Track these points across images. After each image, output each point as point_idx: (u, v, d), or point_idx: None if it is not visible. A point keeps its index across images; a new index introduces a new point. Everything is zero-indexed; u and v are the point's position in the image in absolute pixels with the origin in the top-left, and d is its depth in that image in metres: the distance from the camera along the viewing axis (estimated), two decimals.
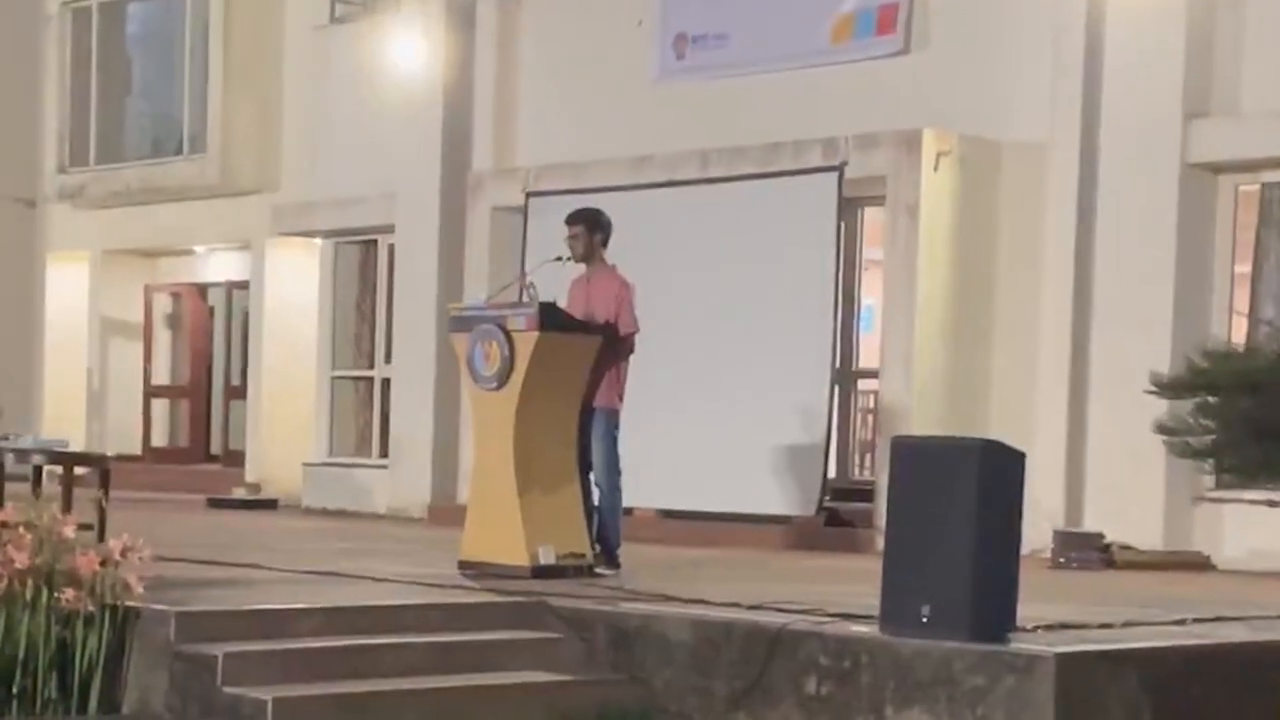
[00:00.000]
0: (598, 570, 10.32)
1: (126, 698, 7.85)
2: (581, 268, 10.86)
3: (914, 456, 7.87)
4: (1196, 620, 8.59)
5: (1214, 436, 9.20)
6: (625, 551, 10.75)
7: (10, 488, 10.50)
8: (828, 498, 14.70)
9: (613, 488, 10.66)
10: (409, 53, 18.42)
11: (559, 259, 10.86)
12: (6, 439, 11.37)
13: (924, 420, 13.95)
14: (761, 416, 14.80)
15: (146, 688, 7.80)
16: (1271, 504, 11.63)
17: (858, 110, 15.15)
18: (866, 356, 15.78)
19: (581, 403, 10.40)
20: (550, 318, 10.08)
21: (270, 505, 19.10)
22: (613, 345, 10.43)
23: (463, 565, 10.22)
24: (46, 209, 23.82)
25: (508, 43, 18.09)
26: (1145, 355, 12.46)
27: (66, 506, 9.54)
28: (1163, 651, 7.72)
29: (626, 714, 8.20)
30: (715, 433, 15.05)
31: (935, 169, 14.38)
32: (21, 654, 7.73)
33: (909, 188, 14.40)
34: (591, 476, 10.63)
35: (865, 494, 14.58)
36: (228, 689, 7.54)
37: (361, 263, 19.96)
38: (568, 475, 10.31)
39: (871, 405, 15.80)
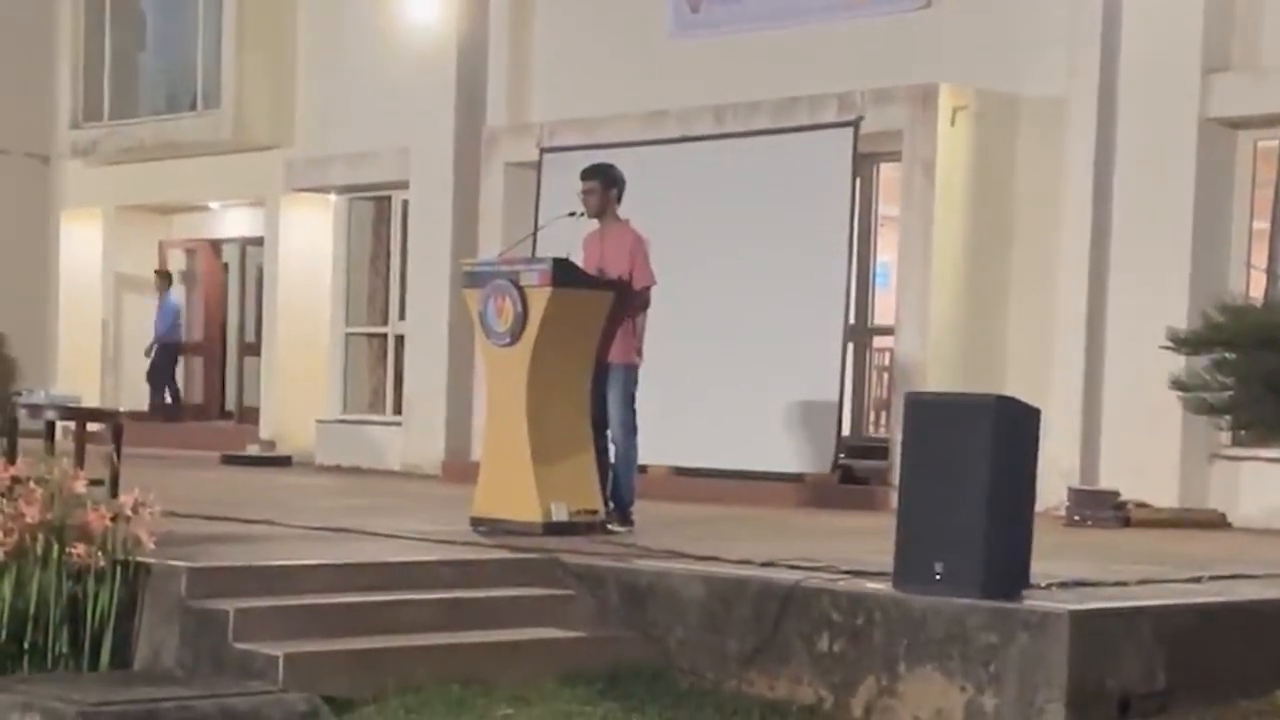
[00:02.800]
0: (610, 527, 10.30)
1: (138, 653, 7.85)
2: (594, 224, 10.80)
3: (928, 413, 7.83)
4: (1212, 578, 8.56)
5: (1230, 392, 9.14)
6: (639, 508, 10.73)
7: (23, 443, 10.48)
8: (843, 455, 14.66)
9: (628, 445, 10.63)
10: (423, 7, 18.35)
11: (573, 214, 10.82)
12: (20, 394, 11.36)
13: (939, 377, 13.90)
14: (776, 373, 14.75)
15: (158, 643, 7.80)
16: None
17: (873, 65, 15.05)
18: (882, 313, 15.72)
19: (595, 358, 10.36)
20: (563, 273, 10.04)
21: (284, 462, 19.11)
22: (626, 300, 10.38)
23: (475, 522, 10.20)
24: (60, 165, 23.80)
25: None
26: (1162, 311, 12.40)
27: (79, 462, 9.53)
28: (1177, 609, 7.69)
29: (639, 671, 8.18)
30: (730, 390, 15.02)
31: (952, 124, 14.30)
32: (33, 609, 7.74)
33: (925, 143, 14.32)
34: (607, 433, 10.60)
35: (880, 451, 14.55)
36: (239, 644, 7.54)
37: (375, 219, 19.92)
38: (581, 431, 10.28)
39: (887, 362, 15.75)
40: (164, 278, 22.74)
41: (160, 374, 22.56)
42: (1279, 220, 13.66)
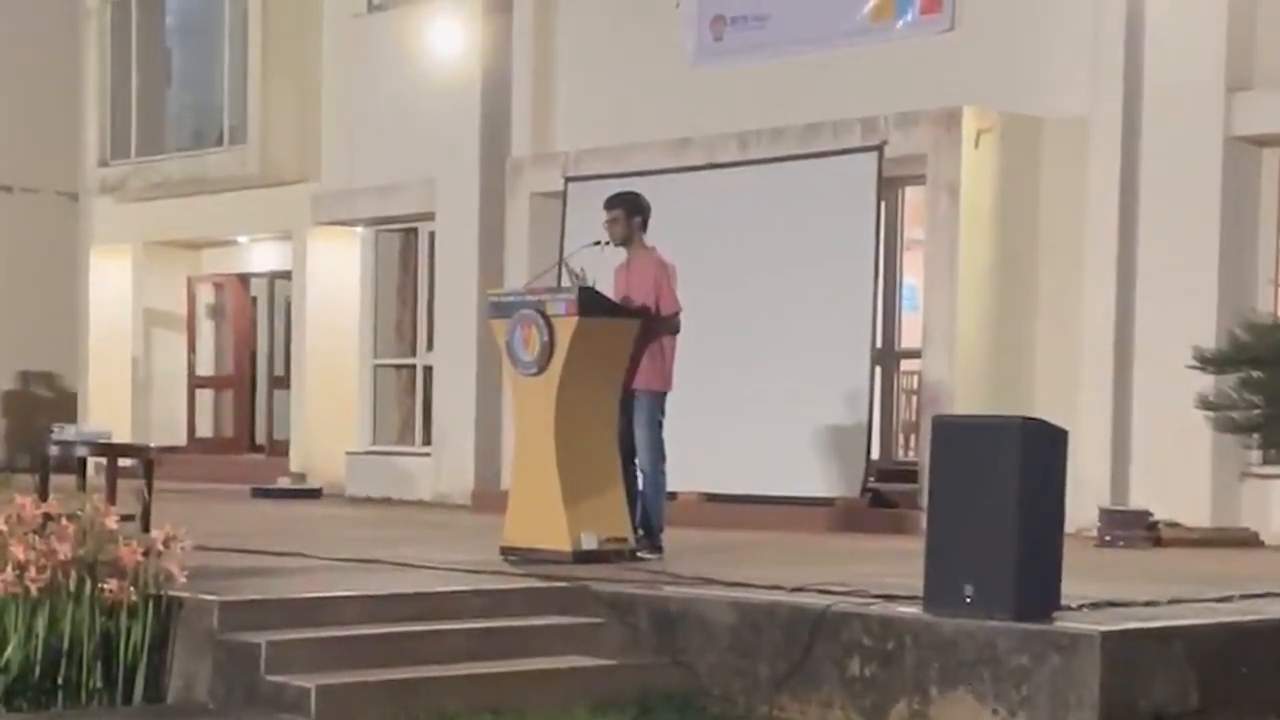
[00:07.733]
0: (640, 554, 10.30)
1: (171, 687, 7.88)
2: (623, 254, 10.81)
3: (955, 436, 7.83)
4: (1243, 597, 8.53)
5: (1258, 411, 9.12)
6: (668, 535, 10.72)
7: (55, 479, 10.53)
8: (872, 479, 14.65)
9: (656, 472, 10.63)
10: (446, 39, 18.45)
11: (599, 244, 10.82)
12: (52, 431, 11.42)
13: (967, 399, 13.89)
14: (804, 398, 14.76)
15: (190, 677, 7.83)
16: None
17: (897, 89, 15.08)
18: (910, 336, 15.72)
19: (622, 386, 10.38)
20: (590, 302, 10.06)
21: (314, 494, 19.16)
22: (651, 327, 10.39)
23: (505, 551, 10.21)
24: (89, 202, 23.94)
25: (545, 27, 18.08)
26: (1189, 330, 12.40)
27: (110, 498, 9.58)
28: (1209, 629, 7.67)
29: (670, 698, 8.19)
30: (758, 415, 15.02)
31: (976, 146, 14.31)
32: (66, 645, 7.77)
33: (950, 166, 14.33)
34: (635, 460, 10.61)
35: (910, 475, 14.53)
36: (271, 677, 7.56)
37: (402, 251, 19.99)
38: (610, 459, 10.29)
39: (915, 385, 15.74)
40: None
41: None
42: None
